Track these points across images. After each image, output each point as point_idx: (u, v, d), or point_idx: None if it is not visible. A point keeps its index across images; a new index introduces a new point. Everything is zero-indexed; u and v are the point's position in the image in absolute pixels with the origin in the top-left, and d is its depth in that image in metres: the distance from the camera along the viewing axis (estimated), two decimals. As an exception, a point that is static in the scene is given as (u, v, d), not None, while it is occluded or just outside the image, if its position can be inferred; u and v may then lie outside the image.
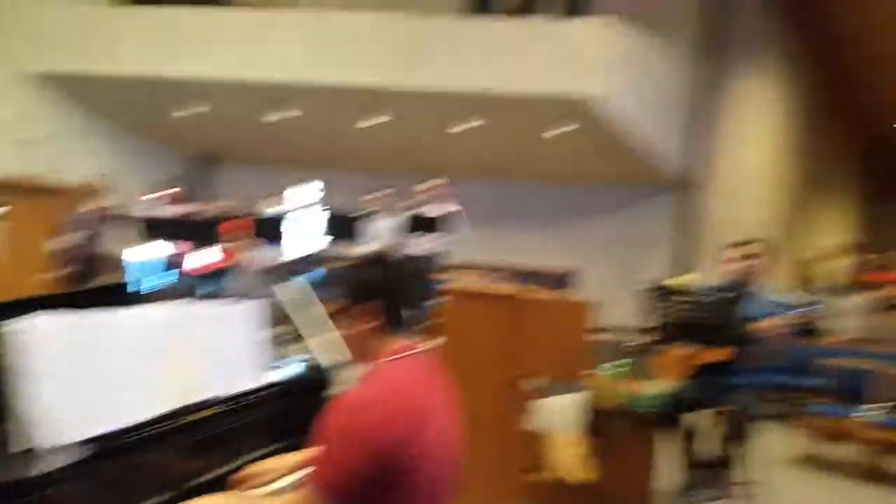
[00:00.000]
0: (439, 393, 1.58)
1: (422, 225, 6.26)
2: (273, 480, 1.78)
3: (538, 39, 8.00)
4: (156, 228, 5.72)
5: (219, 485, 1.79)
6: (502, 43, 8.03)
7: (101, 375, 1.55)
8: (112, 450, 1.49)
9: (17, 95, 8.83)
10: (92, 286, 1.84)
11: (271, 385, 2.16)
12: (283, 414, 2.17)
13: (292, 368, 2.42)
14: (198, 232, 5.83)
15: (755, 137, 10.71)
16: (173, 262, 6.77)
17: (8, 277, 4.01)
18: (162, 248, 6.43)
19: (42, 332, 1.44)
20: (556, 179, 10.33)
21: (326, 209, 6.32)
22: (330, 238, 6.29)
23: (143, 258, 6.34)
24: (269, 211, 6.58)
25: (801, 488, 4.47)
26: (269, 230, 5.87)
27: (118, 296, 1.81)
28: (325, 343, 5.59)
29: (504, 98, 8.06)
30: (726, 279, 3.57)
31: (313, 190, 6.58)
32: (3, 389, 1.37)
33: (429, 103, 8.40)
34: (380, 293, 1.55)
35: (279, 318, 6.17)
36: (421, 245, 6.42)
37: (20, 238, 4.12)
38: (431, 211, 6.50)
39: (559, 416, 5.34)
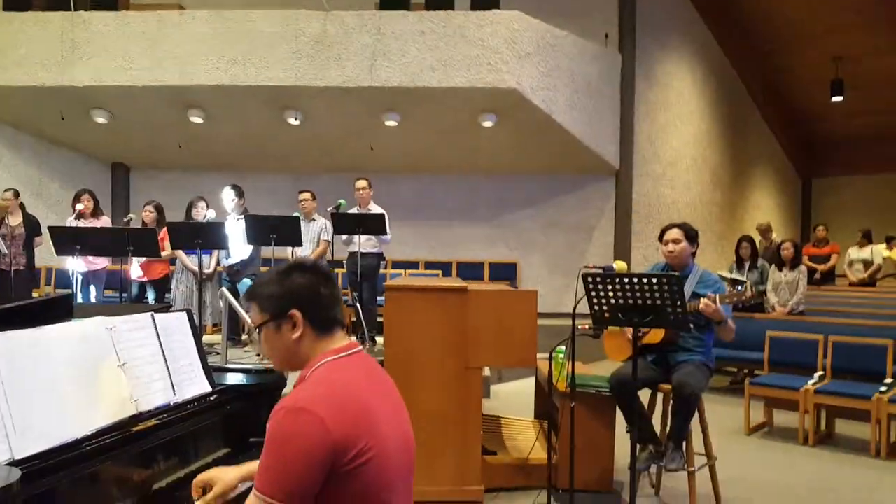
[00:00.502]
0: (381, 386, 1.57)
1: (350, 225, 6.17)
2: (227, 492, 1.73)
3: (454, 32, 8.05)
4: (73, 241, 5.47)
5: (180, 488, 1.80)
6: (418, 37, 8.05)
7: (36, 393, 1.51)
8: (53, 466, 1.45)
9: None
10: (30, 301, 1.78)
11: (220, 390, 2.16)
12: (234, 417, 2.18)
13: (241, 373, 2.43)
14: (119, 243, 5.61)
15: (676, 121, 11.21)
16: (96, 275, 6.57)
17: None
18: (81, 262, 6.21)
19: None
20: (491, 173, 10.47)
21: (248, 214, 6.14)
22: (255, 244, 6.14)
23: (74, 270, 6.10)
24: (200, 217, 6.39)
25: (753, 457, 4.65)
26: (199, 236, 5.71)
27: (59, 309, 1.79)
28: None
29: (424, 92, 8.09)
30: (663, 262, 3.73)
31: (232, 194, 6.40)
32: None
33: (345, 101, 8.32)
34: (297, 302, 1.53)
35: (219, 323, 6.12)
36: (352, 245, 6.39)
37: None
38: (360, 210, 6.45)
39: (517, 399, 5.47)
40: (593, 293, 3.22)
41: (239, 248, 6.14)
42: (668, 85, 11.09)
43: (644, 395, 3.63)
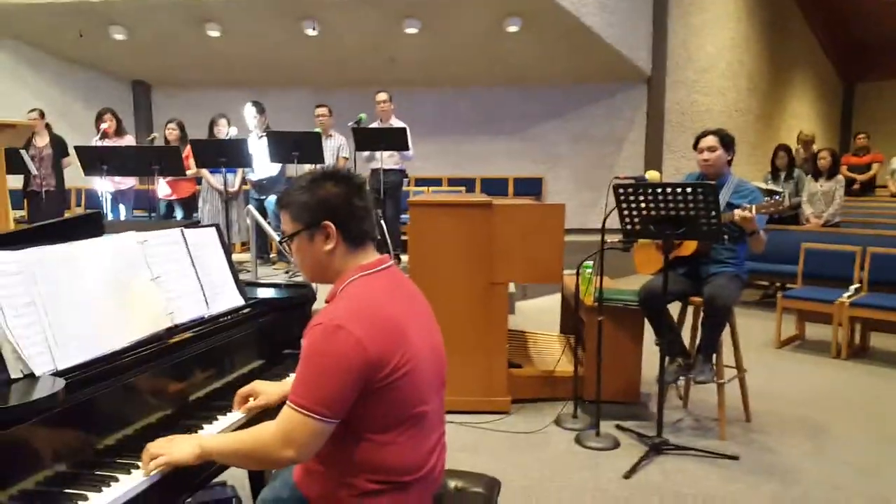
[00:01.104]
0: (413, 301, 1.57)
1: (372, 141, 6.06)
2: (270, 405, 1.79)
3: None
4: (100, 161, 5.50)
5: (216, 398, 1.85)
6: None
7: (74, 306, 1.53)
8: (94, 377, 1.49)
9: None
10: (63, 219, 1.78)
11: (256, 302, 2.19)
12: (267, 330, 2.21)
13: (271, 287, 2.46)
14: (145, 162, 5.62)
15: (711, 24, 10.63)
16: (124, 194, 6.64)
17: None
18: (109, 182, 6.26)
19: (4, 267, 1.42)
20: (515, 83, 10.14)
21: (271, 131, 6.06)
22: (277, 161, 6.08)
23: (103, 190, 6.16)
24: (223, 135, 6.34)
25: (784, 370, 4.63)
26: (222, 154, 5.68)
27: (90, 226, 1.79)
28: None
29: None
30: (697, 171, 3.61)
31: (252, 111, 6.32)
32: None
33: (363, 8, 7.99)
34: (331, 213, 1.49)
35: (247, 242, 6.19)
36: (374, 162, 6.31)
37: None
38: (381, 125, 6.33)
39: (542, 315, 5.52)
40: (624, 205, 3.15)
41: (264, 165, 6.11)
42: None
43: (674, 308, 3.62)
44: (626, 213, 3.17)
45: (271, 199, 6.23)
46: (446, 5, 7.95)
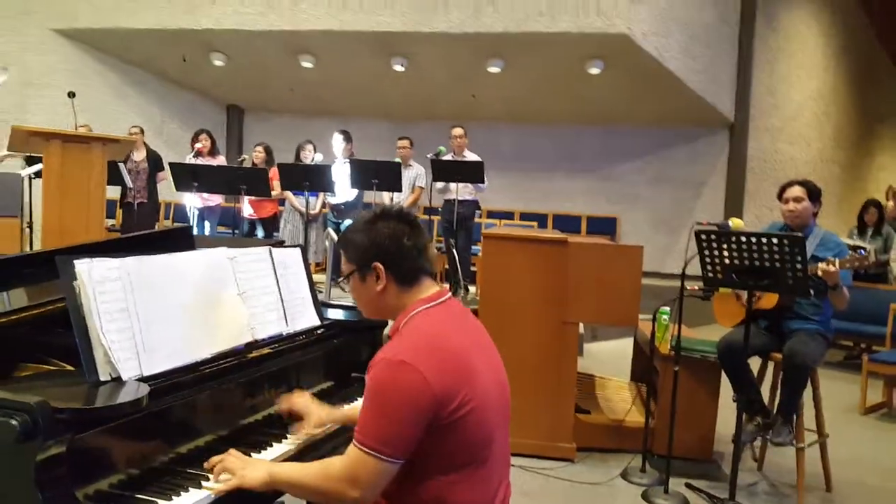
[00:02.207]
0: (475, 335, 1.55)
1: (448, 173, 6.18)
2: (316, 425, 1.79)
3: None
4: (192, 178, 5.81)
5: (274, 423, 1.84)
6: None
7: (164, 315, 1.58)
8: (176, 385, 1.53)
9: (50, 51, 8.91)
10: (156, 230, 1.88)
11: (330, 323, 2.22)
12: (338, 351, 2.24)
13: (343, 309, 2.50)
14: (233, 182, 5.90)
15: (798, 72, 10.31)
16: (211, 210, 6.97)
17: (62, 227, 4.14)
18: (198, 198, 6.59)
19: (103, 273, 1.48)
20: (594, 123, 10.09)
21: (352, 158, 6.29)
22: (357, 187, 6.28)
23: (191, 205, 6.49)
24: (308, 159, 6.61)
25: (869, 438, 4.36)
26: (307, 178, 5.90)
27: (182, 240, 1.87)
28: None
29: (529, 38, 7.81)
30: (780, 221, 3.49)
31: (340, 138, 6.57)
32: (76, 326, 1.42)
33: (450, 46, 8.19)
34: (380, 255, 1.50)
35: (322, 262, 6.37)
36: (448, 193, 6.42)
37: (69, 188, 4.24)
38: (456, 158, 6.45)
39: (612, 359, 5.38)
40: (706, 252, 3.05)
41: (345, 190, 6.30)
42: (792, 32, 10.15)
43: (754, 363, 3.45)
44: (707, 260, 3.06)
45: (347, 223, 6.40)
46: (530, 47, 8.05)
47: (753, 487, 3.41)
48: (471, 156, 6.47)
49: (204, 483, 1.45)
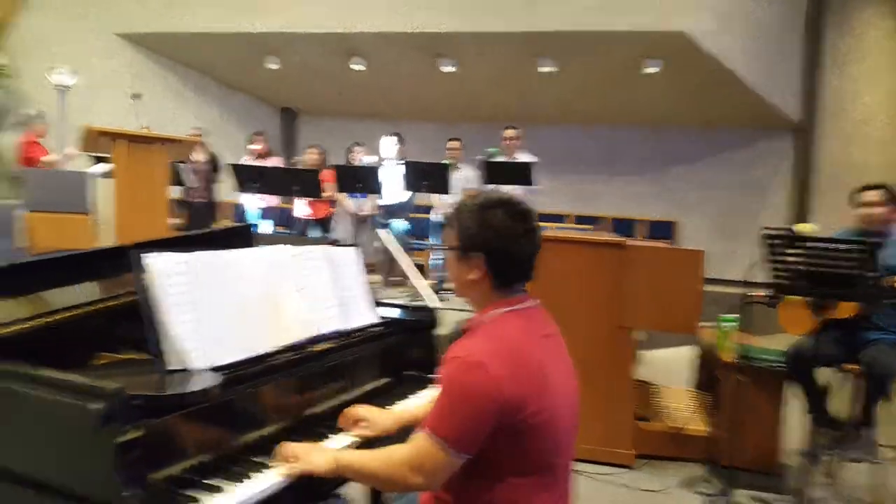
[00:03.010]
0: (555, 346, 1.53)
1: (499, 175, 6.10)
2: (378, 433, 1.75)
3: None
4: (249, 179, 5.93)
5: (333, 415, 1.84)
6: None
7: (230, 308, 1.61)
8: (242, 377, 1.55)
9: (115, 55, 9.28)
10: (220, 228, 1.93)
11: (385, 321, 2.22)
12: (392, 349, 2.23)
13: (397, 308, 2.49)
14: (289, 183, 6.00)
15: (869, 76, 9.86)
16: (268, 211, 7.11)
17: (129, 223, 4.32)
18: (256, 198, 6.73)
19: (172, 266, 1.52)
20: (651, 124, 9.88)
21: (405, 160, 6.31)
22: (411, 189, 6.30)
23: (249, 206, 6.64)
24: (357, 161, 6.68)
25: None
26: (359, 180, 5.96)
27: (242, 237, 1.90)
28: (428, 286, 5.71)
29: (583, 36, 7.72)
30: (854, 227, 3.33)
31: (393, 140, 6.61)
32: (146, 317, 1.47)
33: (500, 46, 8.15)
34: (486, 247, 1.44)
35: (375, 262, 6.43)
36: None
37: (135, 186, 4.41)
38: (508, 159, 6.37)
39: (670, 367, 5.25)
40: (775, 257, 2.93)
41: (395, 191, 6.33)
42: (863, 34, 9.68)
43: (823, 374, 3.30)
44: (776, 266, 2.94)
45: (395, 223, 6.47)
46: (583, 45, 7.94)
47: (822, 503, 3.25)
48: (524, 157, 6.38)
49: (270, 468, 1.47)
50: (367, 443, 1.76)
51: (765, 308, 3.42)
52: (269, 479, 1.44)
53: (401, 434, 1.67)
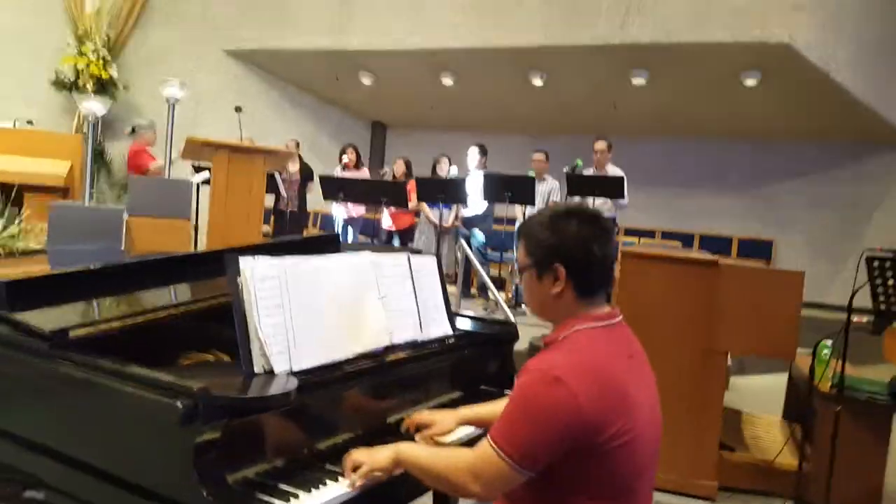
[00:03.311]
0: (640, 366, 1.47)
1: (585, 187, 6.02)
2: (444, 434, 1.76)
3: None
4: (338, 190, 6.13)
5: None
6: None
7: (313, 313, 1.64)
8: (320, 382, 1.57)
9: (221, 70, 9.89)
10: (308, 236, 2.00)
11: (461, 334, 2.21)
12: (466, 362, 2.22)
13: (474, 321, 2.50)
14: (375, 193, 6.17)
15: None
16: (354, 220, 7.34)
17: (225, 230, 4.57)
18: (343, 208, 6.96)
19: (264, 270, 1.57)
20: (747, 137, 9.47)
21: (489, 171, 6.35)
22: (490, 200, 6.32)
23: (337, 215, 6.89)
24: (443, 173, 6.77)
25: None
26: (442, 191, 6.03)
27: (330, 245, 1.97)
28: (504, 299, 5.70)
29: (679, 48, 7.50)
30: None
31: (477, 152, 6.67)
32: (238, 319, 1.51)
33: (593, 59, 8.03)
34: (565, 257, 1.42)
35: (452, 274, 6.49)
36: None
37: (233, 194, 4.67)
38: (596, 172, 6.28)
39: (759, 394, 4.99)
40: (879, 280, 2.73)
41: (476, 202, 6.37)
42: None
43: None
44: (881, 290, 2.74)
45: (475, 233, 6.52)
46: (678, 56, 7.71)
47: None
48: (613, 170, 6.26)
49: (341, 478, 1.48)
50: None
51: (866, 336, 3.18)
52: (341, 488, 1.46)
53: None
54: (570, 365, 1.33)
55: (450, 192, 6.01)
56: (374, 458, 1.48)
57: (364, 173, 7.44)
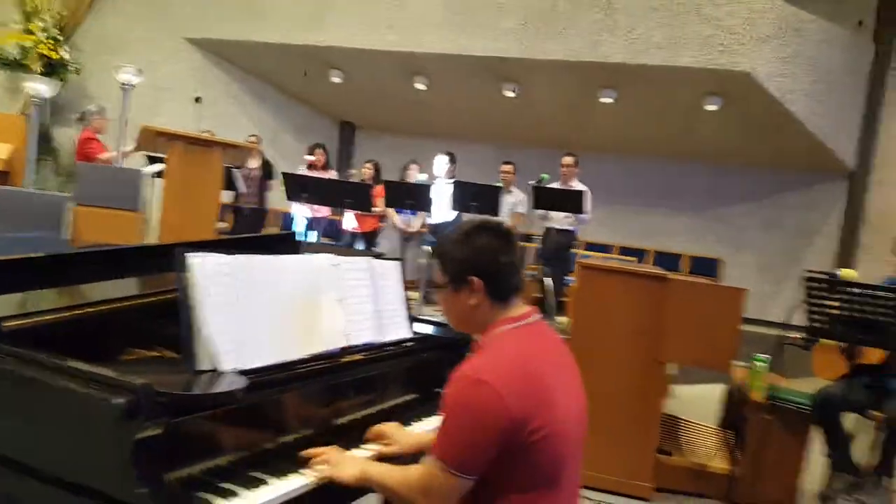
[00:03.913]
0: (560, 358, 1.53)
1: (550, 200, 6.10)
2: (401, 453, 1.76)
3: (688, 10, 7.56)
4: (302, 189, 6.05)
5: (358, 428, 1.83)
6: (649, 13, 7.65)
7: (266, 313, 1.62)
8: (270, 382, 1.56)
9: (181, 59, 9.61)
10: (264, 234, 1.96)
11: (416, 338, 2.23)
12: (423, 365, 2.22)
13: (433, 325, 2.49)
14: (339, 195, 6.11)
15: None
16: (317, 221, 7.24)
17: (177, 224, 4.44)
18: (306, 208, 6.86)
19: (214, 268, 1.54)
20: (704, 160, 9.76)
21: (456, 180, 6.36)
22: (459, 209, 6.32)
23: (299, 215, 6.78)
24: (411, 179, 6.76)
25: None
26: (410, 197, 6.02)
27: (287, 244, 1.94)
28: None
29: (646, 70, 7.70)
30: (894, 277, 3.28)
31: (446, 160, 6.68)
32: (184, 316, 1.47)
33: (564, 75, 8.18)
34: (478, 268, 1.49)
35: (416, 279, 6.47)
36: (548, 220, 6.34)
37: (186, 188, 4.53)
38: (562, 186, 6.37)
39: (698, 403, 5.15)
40: (814, 300, 2.89)
41: (445, 210, 6.38)
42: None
43: (848, 420, 3.22)
44: (814, 308, 2.89)
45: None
46: (647, 79, 7.91)
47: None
48: (577, 185, 6.37)
49: (289, 474, 1.47)
50: (386, 458, 1.77)
51: (799, 350, 3.34)
52: (287, 485, 1.44)
53: (416, 455, 1.67)
54: (492, 366, 1.39)
55: (417, 198, 6.02)
56: (341, 469, 1.50)
57: (331, 174, 7.38)
